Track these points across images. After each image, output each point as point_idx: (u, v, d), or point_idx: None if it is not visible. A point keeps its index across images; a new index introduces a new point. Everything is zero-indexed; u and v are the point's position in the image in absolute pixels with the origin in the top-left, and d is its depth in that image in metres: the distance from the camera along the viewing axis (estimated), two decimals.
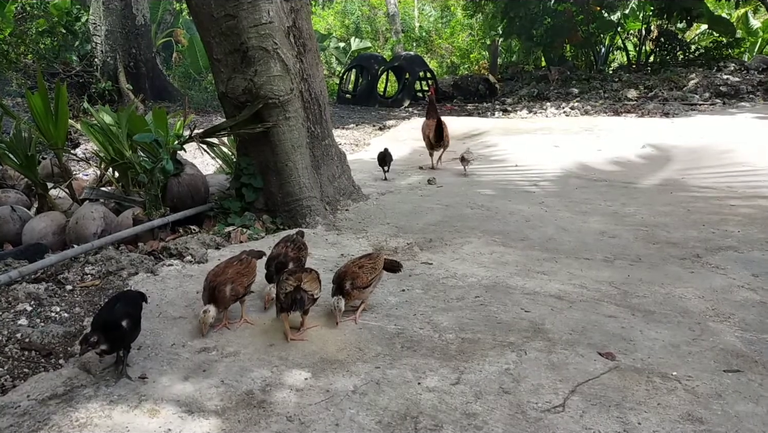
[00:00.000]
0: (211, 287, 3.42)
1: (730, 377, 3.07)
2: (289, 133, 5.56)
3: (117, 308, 3.03)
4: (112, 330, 2.91)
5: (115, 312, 2.99)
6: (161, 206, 5.48)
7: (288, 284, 3.27)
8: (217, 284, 3.42)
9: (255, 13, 5.27)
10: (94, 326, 2.91)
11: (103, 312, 3.05)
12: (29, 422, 2.63)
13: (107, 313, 3.01)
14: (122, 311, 3.00)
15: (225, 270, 3.53)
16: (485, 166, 8.90)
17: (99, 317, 3.01)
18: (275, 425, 2.63)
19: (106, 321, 2.92)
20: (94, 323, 2.94)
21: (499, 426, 2.63)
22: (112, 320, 2.93)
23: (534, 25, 18.95)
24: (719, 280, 4.39)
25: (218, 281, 3.43)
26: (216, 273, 3.51)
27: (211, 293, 3.41)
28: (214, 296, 3.40)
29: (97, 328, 2.89)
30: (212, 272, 3.54)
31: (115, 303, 3.10)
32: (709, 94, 13.78)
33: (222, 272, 3.50)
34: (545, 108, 14.31)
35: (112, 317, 2.96)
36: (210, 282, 3.45)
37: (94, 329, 2.90)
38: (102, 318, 2.96)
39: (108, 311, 3.03)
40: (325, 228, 5.52)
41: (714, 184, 7.30)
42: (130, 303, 3.14)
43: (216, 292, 3.40)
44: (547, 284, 4.29)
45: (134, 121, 6.06)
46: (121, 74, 14.30)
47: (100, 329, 2.88)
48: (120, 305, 3.07)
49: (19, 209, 5.64)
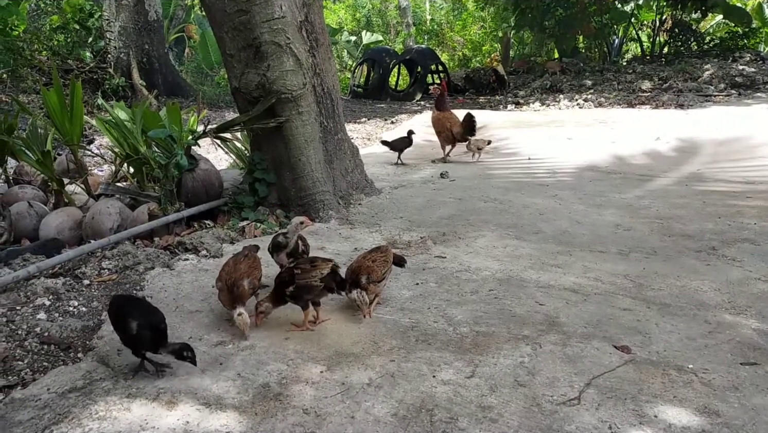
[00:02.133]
0: (229, 285, 3.42)
1: (747, 370, 3.05)
2: (302, 128, 5.57)
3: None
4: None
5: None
6: (176, 201, 5.51)
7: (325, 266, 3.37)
8: (234, 281, 3.42)
9: (268, 8, 5.28)
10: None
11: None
12: (50, 415, 2.67)
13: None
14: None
15: (237, 267, 3.52)
16: (498, 160, 8.87)
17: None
18: (292, 417, 2.65)
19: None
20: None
21: (514, 419, 2.64)
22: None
23: (546, 17, 18.81)
24: (735, 272, 4.36)
25: (235, 278, 3.43)
26: (228, 271, 3.49)
27: (230, 290, 3.41)
28: (234, 294, 3.40)
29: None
30: (224, 271, 3.51)
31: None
32: (724, 85, 13.63)
33: (235, 269, 3.50)
34: (558, 100, 14.22)
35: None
36: (226, 281, 3.44)
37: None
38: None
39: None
40: (339, 222, 5.53)
41: (730, 177, 7.24)
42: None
43: (235, 288, 3.40)
44: (562, 277, 4.28)
45: (148, 117, 6.10)
46: (134, 70, 14.37)
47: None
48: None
49: (36, 205, 5.70)
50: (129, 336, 2.93)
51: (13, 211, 5.52)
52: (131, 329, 2.90)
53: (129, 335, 2.92)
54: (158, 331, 2.94)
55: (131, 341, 2.96)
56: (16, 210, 5.54)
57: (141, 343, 2.94)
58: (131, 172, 6.54)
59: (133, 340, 2.94)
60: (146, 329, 2.90)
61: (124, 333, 2.96)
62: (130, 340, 2.96)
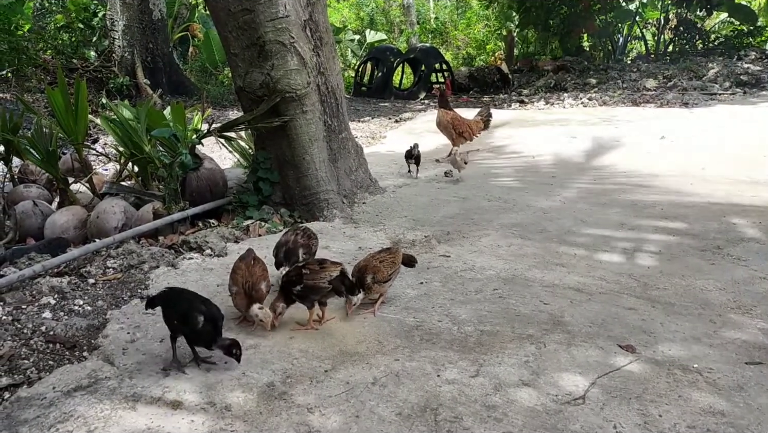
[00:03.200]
0: (247, 289, 3.45)
1: (752, 370, 3.04)
2: (306, 127, 5.57)
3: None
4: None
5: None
6: (180, 200, 5.52)
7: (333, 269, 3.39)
8: (252, 285, 3.45)
9: (272, 7, 5.28)
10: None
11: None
12: (55, 414, 2.68)
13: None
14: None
15: (251, 270, 3.53)
16: (502, 158, 8.86)
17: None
18: (296, 416, 2.66)
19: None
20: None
21: (518, 418, 2.64)
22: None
23: (550, 15, 18.76)
24: (740, 271, 4.35)
25: (252, 282, 3.46)
26: (244, 276, 3.49)
27: (247, 294, 3.44)
28: (253, 297, 3.44)
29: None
30: (239, 276, 3.50)
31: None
32: (729, 84, 13.58)
33: (250, 273, 3.51)
34: (562, 99, 14.18)
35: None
36: (243, 285, 3.46)
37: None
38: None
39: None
40: (343, 221, 5.53)
41: (735, 175, 7.20)
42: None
43: (254, 292, 3.44)
44: (566, 276, 4.27)
45: (153, 116, 6.11)
46: (139, 69, 14.37)
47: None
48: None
49: (41, 204, 5.72)
50: (194, 330, 2.98)
51: (18, 210, 5.53)
52: (197, 323, 2.96)
53: (194, 328, 2.97)
54: (217, 326, 3.02)
55: (196, 335, 3.00)
56: (21, 209, 5.56)
57: (202, 337, 3.00)
58: (136, 172, 6.55)
59: (197, 334, 2.99)
60: (210, 324, 2.98)
61: (189, 326, 3.00)
62: (194, 334, 3.00)
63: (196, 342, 3.05)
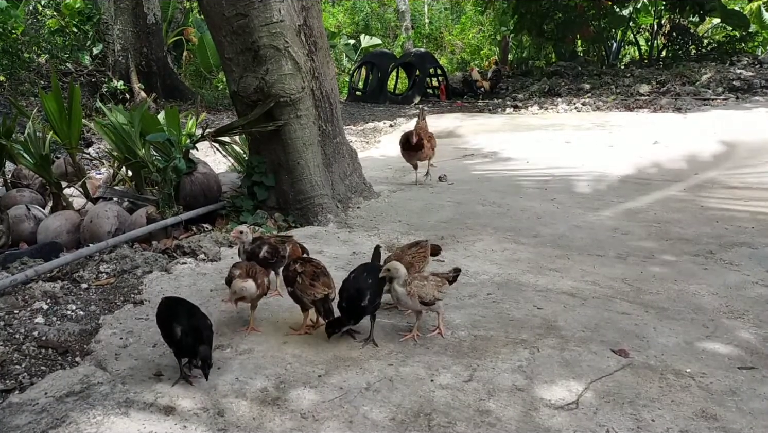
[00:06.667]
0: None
1: (745, 374, 3.06)
2: (300, 132, 5.57)
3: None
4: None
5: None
6: (174, 205, 5.52)
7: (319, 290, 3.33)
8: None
9: (266, 11, 5.29)
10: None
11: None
12: (47, 419, 2.67)
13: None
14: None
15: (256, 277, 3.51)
16: (496, 163, 8.88)
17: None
18: (289, 422, 2.65)
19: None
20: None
21: (512, 423, 2.64)
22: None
23: (545, 21, 18.82)
24: (733, 276, 4.37)
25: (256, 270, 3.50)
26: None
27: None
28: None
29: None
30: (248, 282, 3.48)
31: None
32: (722, 89, 13.64)
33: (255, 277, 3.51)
34: (556, 104, 14.22)
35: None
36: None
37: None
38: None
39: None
40: (337, 226, 5.53)
41: (727, 180, 7.24)
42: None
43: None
44: (560, 281, 4.28)
45: (147, 121, 6.10)
46: (133, 73, 14.34)
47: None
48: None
49: (34, 208, 5.69)
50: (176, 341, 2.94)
51: (11, 214, 5.51)
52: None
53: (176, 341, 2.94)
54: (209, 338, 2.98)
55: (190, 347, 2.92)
56: (14, 213, 5.54)
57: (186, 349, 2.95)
58: (129, 176, 6.53)
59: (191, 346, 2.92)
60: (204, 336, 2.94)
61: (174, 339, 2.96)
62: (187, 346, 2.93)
63: (189, 354, 2.99)
